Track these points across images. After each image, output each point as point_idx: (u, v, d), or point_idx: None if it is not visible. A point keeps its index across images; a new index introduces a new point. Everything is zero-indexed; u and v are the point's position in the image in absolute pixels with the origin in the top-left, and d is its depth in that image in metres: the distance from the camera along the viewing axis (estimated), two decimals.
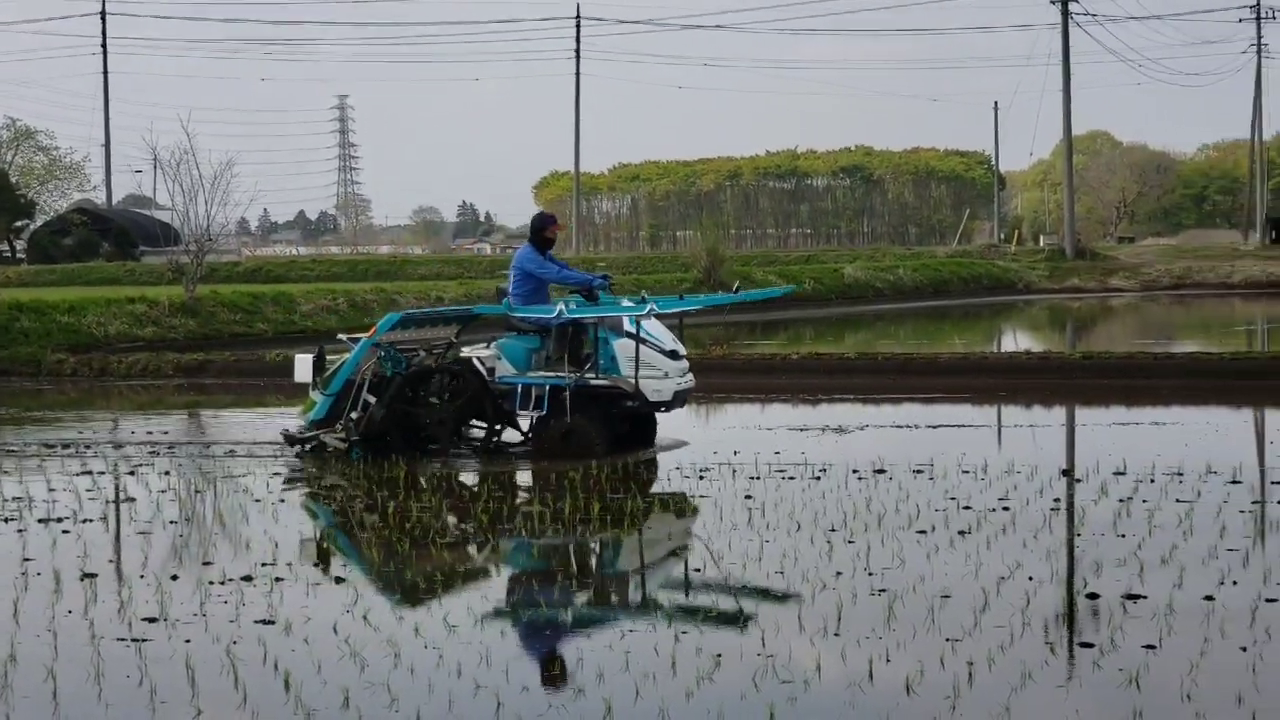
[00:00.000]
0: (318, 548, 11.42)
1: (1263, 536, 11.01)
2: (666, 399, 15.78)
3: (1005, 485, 13.43)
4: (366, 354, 16.06)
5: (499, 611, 9.06)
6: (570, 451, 15.45)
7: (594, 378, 15.67)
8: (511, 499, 13.39)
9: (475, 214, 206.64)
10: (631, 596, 9.40)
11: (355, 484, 14.28)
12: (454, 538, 11.40)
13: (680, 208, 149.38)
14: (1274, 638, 8.13)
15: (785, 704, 7.11)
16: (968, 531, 11.22)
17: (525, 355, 16.03)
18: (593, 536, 11.55)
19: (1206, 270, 66.96)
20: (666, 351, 15.79)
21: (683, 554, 10.94)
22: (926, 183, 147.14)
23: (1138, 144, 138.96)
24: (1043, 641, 8.18)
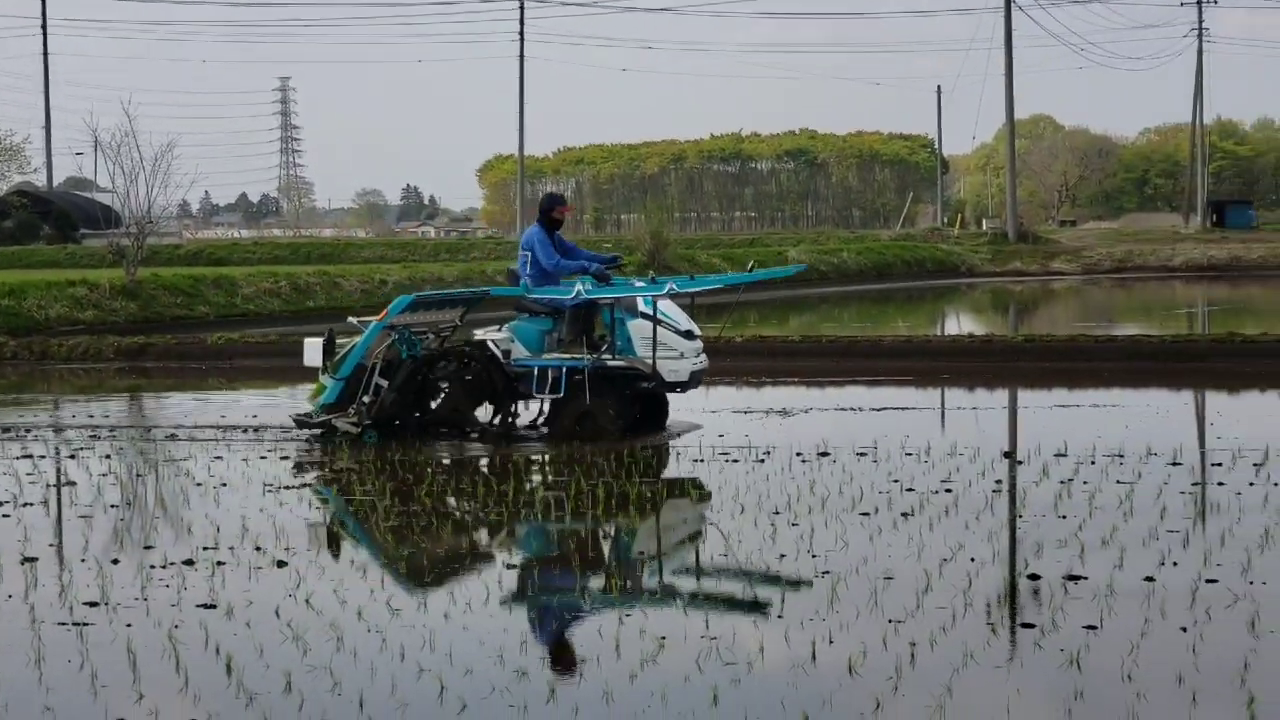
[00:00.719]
0: (329, 533, 11.33)
1: (1203, 518, 11.08)
2: (683, 379, 15.66)
3: (948, 467, 13.49)
4: (378, 337, 15.90)
5: (441, 595, 9.03)
6: (586, 434, 15.33)
7: (610, 359, 15.56)
8: (455, 482, 13.34)
9: (419, 197, 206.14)
10: (575, 580, 9.38)
11: (311, 468, 14.22)
12: (397, 520, 11.35)
13: (624, 191, 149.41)
14: (1214, 618, 8.19)
15: (729, 685, 7.12)
16: (910, 514, 11.26)
17: (538, 337, 15.90)
18: (538, 521, 11.53)
19: (1148, 254, 67.40)
20: (682, 331, 15.67)
21: (627, 537, 10.94)
22: (870, 166, 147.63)
23: (1080, 128, 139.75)
24: (984, 622, 8.22)
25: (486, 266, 47.48)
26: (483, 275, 44.34)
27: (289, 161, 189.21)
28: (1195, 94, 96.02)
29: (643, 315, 15.57)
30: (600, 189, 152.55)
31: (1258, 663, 7.32)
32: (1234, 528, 10.54)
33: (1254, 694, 6.81)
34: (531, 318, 16.09)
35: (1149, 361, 22.73)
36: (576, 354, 15.64)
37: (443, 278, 42.88)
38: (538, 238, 16.16)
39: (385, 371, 15.86)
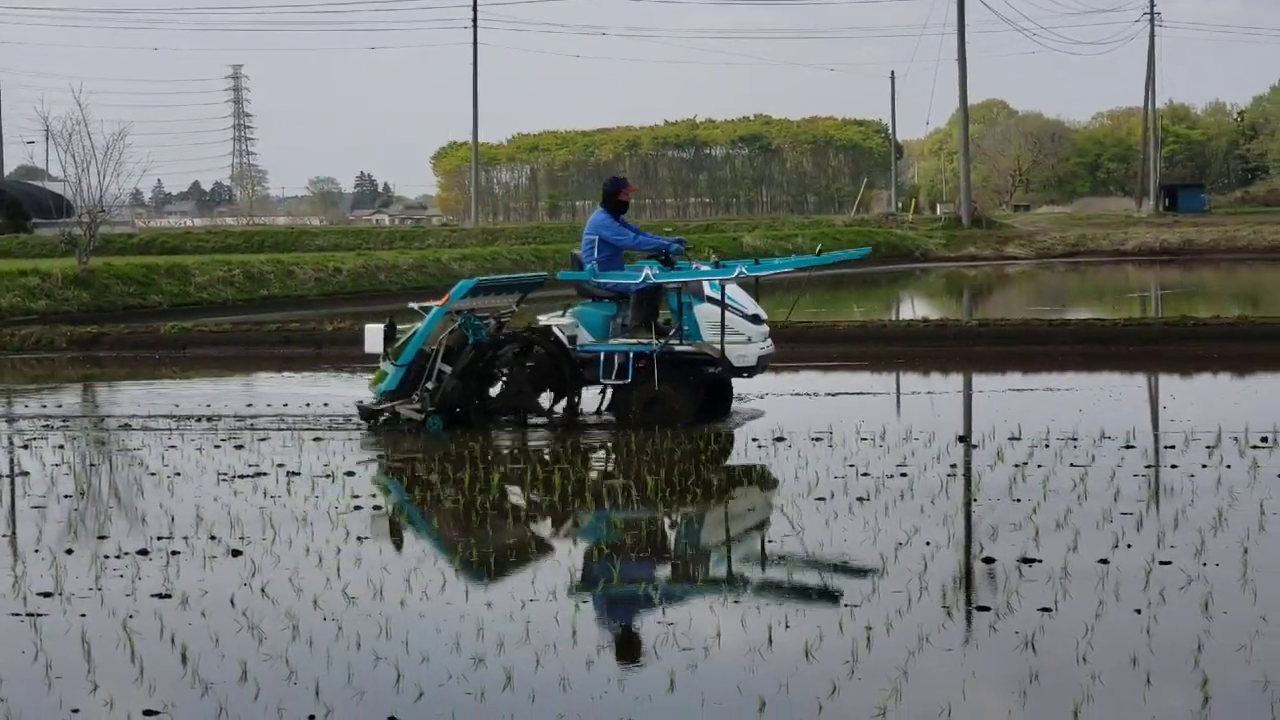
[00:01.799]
0: (391, 524, 11.30)
1: (1156, 500, 11.14)
2: (751, 364, 15.49)
3: (903, 452, 13.53)
4: (440, 323, 15.75)
5: (397, 583, 9.01)
6: (654, 420, 15.13)
7: (678, 344, 15.42)
8: (411, 471, 13.31)
9: (373, 184, 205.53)
10: (532, 566, 9.38)
11: (274, 457, 14.17)
12: (345, 508, 11.33)
13: (579, 178, 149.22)
14: (1167, 600, 8.24)
15: (685, 671, 7.13)
16: (866, 498, 11.29)
17: (603, 322, 15.75)
18: (497, 506, 11.52)
19: (1100, 238, 67.66)
20: (749, 316, 15.52)
21: (584, 524, 10.93)
22: (825, 152, 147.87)
23: (1033, 113, 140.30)
24: (940, 606, 8.25)
25: (442, 254, 47.39)
26: (438, 263, 44.28)
27: (242, 149, 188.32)
28: (1147, 78, 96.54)
29: (709, 299, 15.39)
30: (555, 176, 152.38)
31: (1211, 644, 7.37)
32: (1187, 510, 10.61)
33: (1207, 674, 6.85)
34: (595, 302, 15.94)
35: (1102, 345, 22.84)
36: (642, 339, 15.48)
37: (397, 266, 42.77)
38: (605, 221, 15.98)
39: (448, 357, 15.67)
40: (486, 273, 44.33)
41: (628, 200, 16.41)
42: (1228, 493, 11.16)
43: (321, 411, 17.21)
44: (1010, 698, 6.70)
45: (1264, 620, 7.78)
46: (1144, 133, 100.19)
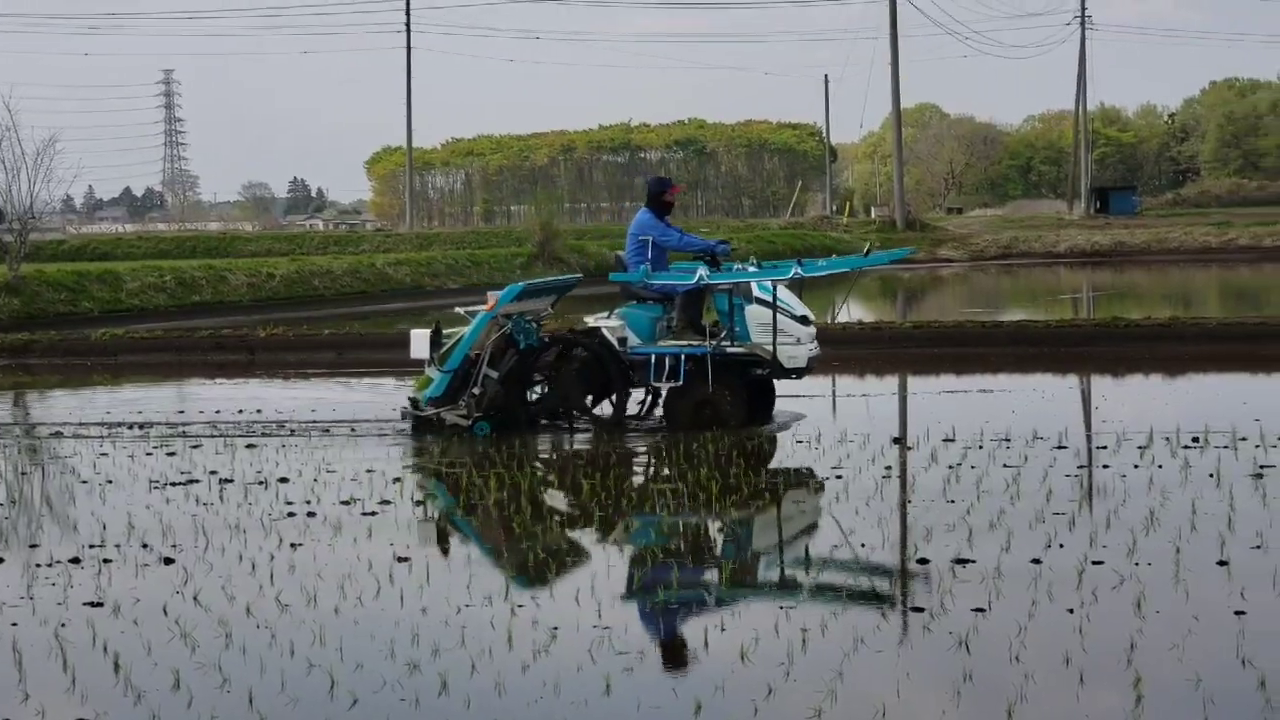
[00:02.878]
0: (439, 533, 11.21)
1: (1089, 500, 11.21)
2: (801, 365, 15.37)
3: (838, 454, 13.56)
4: (486, 328, 15.59)
5: (331, 590, 8.96)
6: (704, 422, 15.03)
7: (729, 346, 15.31)
8: (341, 482, 13.25)
9: (307, 190, 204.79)
10: (466, 571, 9.35)
11: (206, 464, 14.07)
12: (279, 514, 11.26)
13: (514, 182, 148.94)
14: (1100, 599, 8.29)
15: (621, 675, 7.12)
16: (802, 500, 11.31)
17: (650, 325, 15.61)
18: (435, 514, 11.48)
19: (1033, 240, 68.09)
20: (797, 317, 15.39)
21: (520, 527, 10.89)
22: (760, 155, 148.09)
23: (965, 116, 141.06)
24: (875, 607, 8.28)
25: (376, 259, 47.18)
26: (373, 268, 44.10)
27: (173, 155, 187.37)
28: (1078, 81, 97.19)
29: (758, 301, 15.29)
30: (490, 181, 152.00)
31: (1143, 642, 7.42)
32: (1119, 510, 10.68)
33: (1140, 673, 6.90)
34: (640, 304, 15.81)
35: (1035, 347, 22.97)
36: (691, 341, 15.38)
37: (331, 271, 42.59)
38: (651, 222, 15.88)
39: (493, 362, 15.54)
40: (423, 277, 44.30)
41: (672, 201, 16.30)
42: (1160, 493, 11.24)
43: (254, 418, 17.11)
44: (944, 698, 6.73)
45: (1196, 619, 7.84)
46: (1075, 135, 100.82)
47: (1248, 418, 14.79)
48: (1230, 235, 63.72)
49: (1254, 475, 11.84)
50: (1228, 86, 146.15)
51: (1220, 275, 49.15)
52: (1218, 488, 11.34)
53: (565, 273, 47.36)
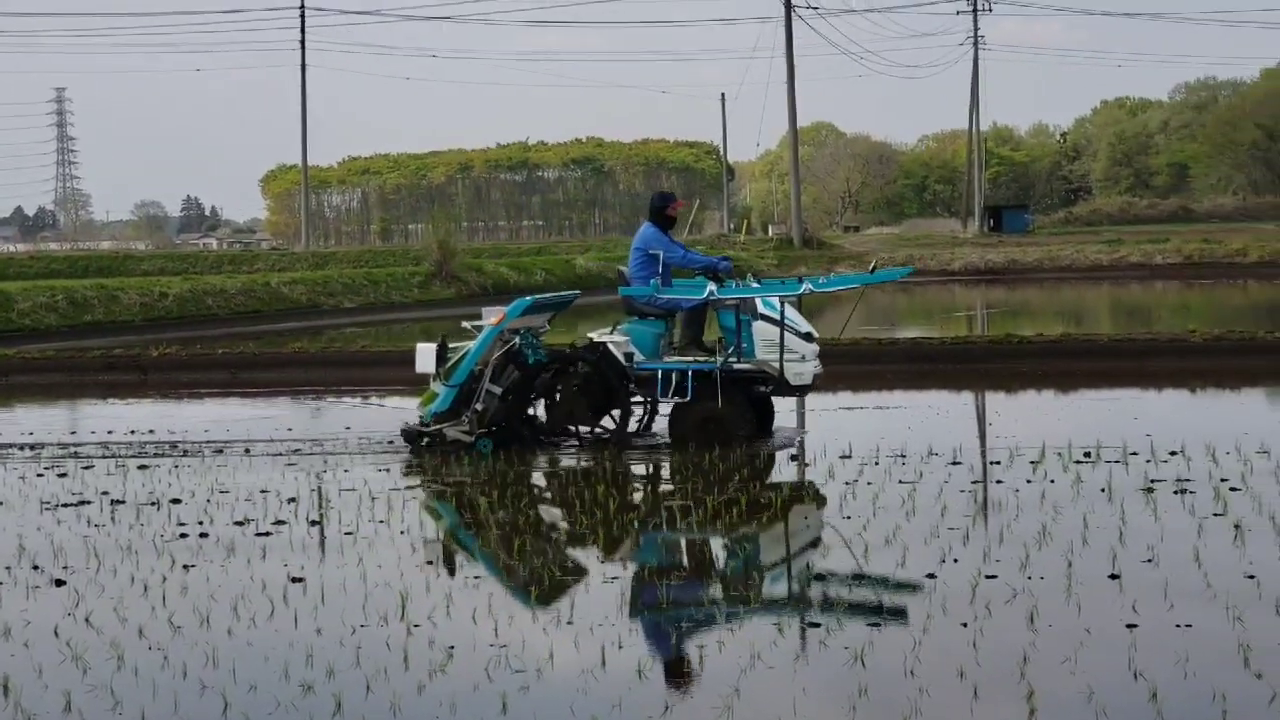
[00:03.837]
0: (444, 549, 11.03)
1: (983, 515, 11.31)
2: (807, 382, 15.33)
3: (739, 472, 13.59)
4: (493, 342, 15.44)
5: (225, 611, 8.87)
6: (709, 438, 14.90)
7: (736, 362, 15.20)
8: (235, 503, 13.12)
9: (200, 208, 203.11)
10: (362, 592, 9.28)
11: (98, 485, 13.89)
12: (171, 536, 11.14)
13: (412, 201, 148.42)
14: (993, 613, 8.36)
15: (517, 694, 7.10)
16: (702, 519, 11.32)
17: (653, 340, 15.51)
18: (321, 535, 11.39)
19: (928, 258, 68.57)
20: (802, 334, 15.31)
21: (414, 546, 10.81)
22: (657, 173, 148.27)
23: (861, 135, 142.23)
24: (771, 623, 8.30)
25: (271, 278, 46.82)
26: (267, 287, 43.76)
27: (65, 173, 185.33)
28: (971, 101, 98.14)
29: (764, 317, 15.20)
30: (387, 199, 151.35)
31: (1036, 656, 7.48)
32: (1012, 524, 10.77)
33: (1033, 686, 6.96)
34: (642, 320, 15.70)
35: (930, 363, 23.13)
36: (697, 357, 15.33)
37: (225, 290, 42.22)
38: (655, 236, 15.76)
39: (494, 378, 15.37)
40: (319, 296, 44.02)
41: (674, 215, 16.20)
42: (1052, 507, 11.35)
43: (147, 438, 16.93)
44: (840, 712, 6.75)
45: (1088, 632, 7.91)
46: (969, 154, 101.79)
47: (1139, 433, 14.97)
48: (1121, 253, 64.50)
49: (1145, 489, 11.97)
50: (1118, 106, 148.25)
51: (1111, 292, 49.76)
52: (1109, 502, 11.46)
53: (462, 292, 47.43)
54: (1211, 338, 22.84)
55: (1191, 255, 62.64)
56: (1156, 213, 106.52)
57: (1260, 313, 35.48)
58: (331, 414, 19.88)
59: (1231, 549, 9.74)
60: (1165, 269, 60.57)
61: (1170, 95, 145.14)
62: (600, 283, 55.00)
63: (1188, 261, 61.43)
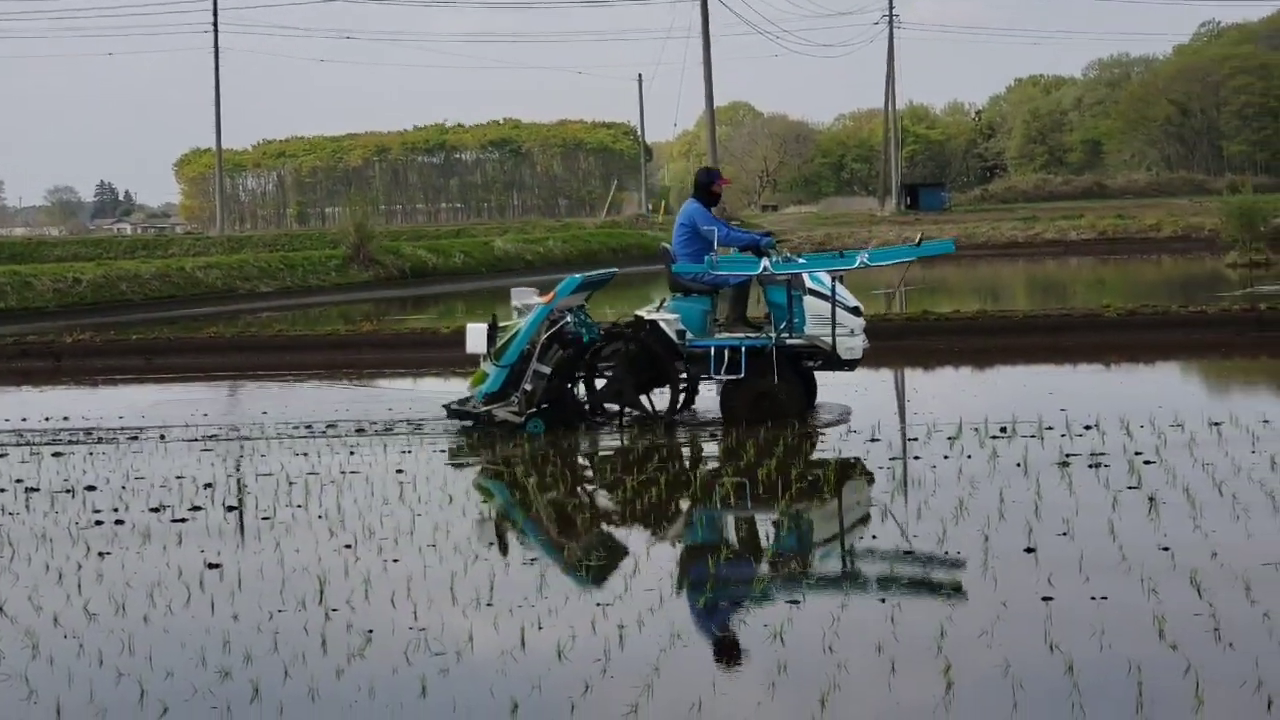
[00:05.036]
0: (497, 530, 10.93)
1: (903, 491, 11.36)
2: (857, 356, 15.26)
3: (663, 448, 13.61)
4: (542, 322, 15.22)
5: (141, 598, 8.80)
6: (762, 415, 14.86)
7: (788, 337, 15.10)
8: (150, 489, 13.01)
9: (114, 193, 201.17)
10: (278, 578, 9.23)
11: (11, 473, 13.74)
12: (86, 523, 11.04)
13: (328, 184, 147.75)
14: (910, 586, 8.40)
15: (437, 676, 7.08)
16: (624, 496, 11.33)
17: (701, 317, 15.37)
18: (236, 520, 11.31)
19: (846, 236, 68.81)
20: (850, 308, 15.23)
21: (332, 530, 10.75)
22: (575, 155, 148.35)
23: (778, 114, 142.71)
24: (691, 602, 8.31)
25: (186, 263, 46.42)
26: (182, 272, 43.38)
27: None
28: (887, 80, 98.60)
29: (811, 292, 15.10)
30: (303, 182, 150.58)
31: (953, 629, 7.52)
32: (930, 500, 10.83)
33: (950, 660, 7.00)
34: (687, 297, 15.56)
35: None
36: (747, 334, 15.25)
37: (140, 275, 41.82)
38: (699, 213, 15.62)
39: (541, 357, 15.19)
40: (235, 280, 43.69)
41: (719, 192, 16.05)
42: (969, 482, 11.42)
43: (62, 425, 16.77)
44: (760, 689, 6.77)
45: (1004, 606, 7.97)
46: (885, 133, 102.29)
47: (1053, 407, 15.09)
48: (1036, 230, 64.96)
49: (1060, 464, 12.07)
50: (1032, 84, 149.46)
51: (1027, 269, 50.13)
52: (1025, 476, 11.55)
53: (380, 275, 47.22)
54: (1125, 313, 23.03)
55: (1106, 231, 63.14)
56: (1071, 189, 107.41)
57: (1174, 287, 35.82)
58: (248, 399, 19.75)
59: (1146, 522, 9.83)
60: (1080, 245, 61.04)
61: (1084, 72, 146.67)
62: (518, 264, 54.96)
63: (1102, 237, 61.89)
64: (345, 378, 21.54)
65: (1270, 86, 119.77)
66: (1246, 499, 10.35)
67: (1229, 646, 7.12)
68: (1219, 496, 10.48)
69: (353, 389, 20.15)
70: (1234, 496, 10.44)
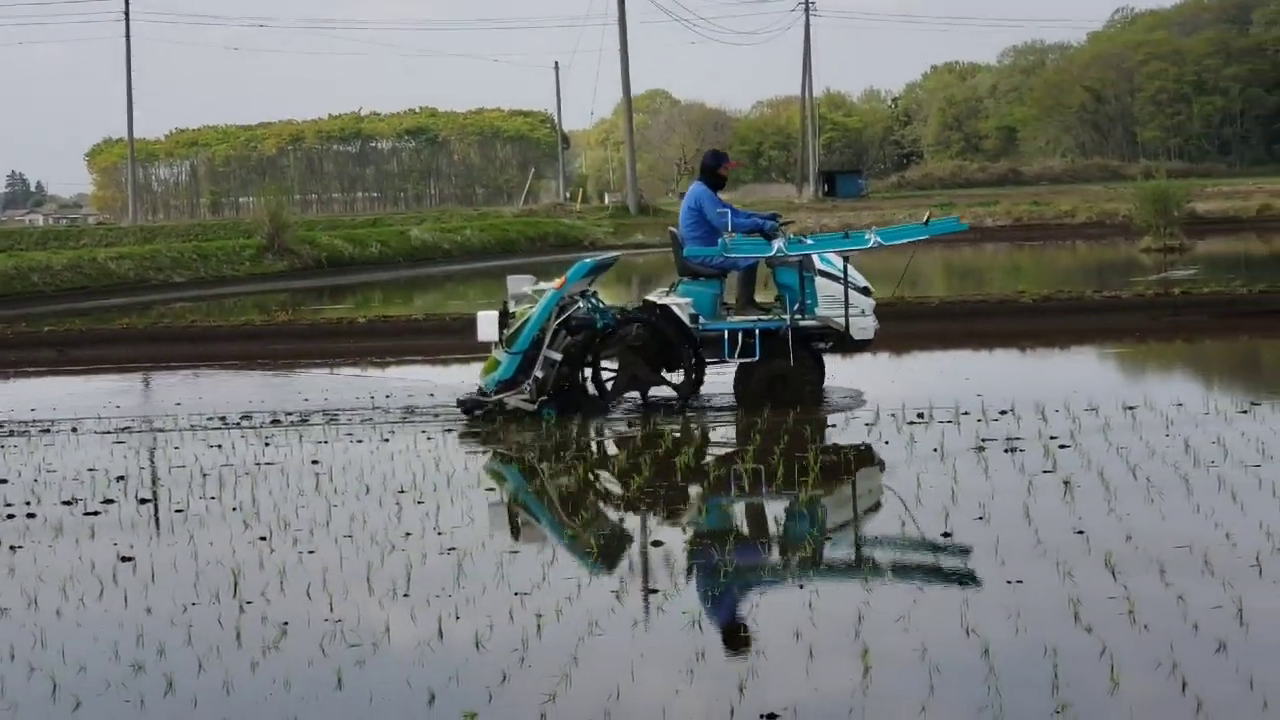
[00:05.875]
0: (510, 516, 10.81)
1: (821, 479, 11.36)
2: (869, 336, 15.15)
3: (566, 436, 13.59)
4: (553, 308, 15.00)
5: (54, 592, 8.69)
6: (777, 397, 14.74)
7: (801, 319, 14.96)
8: (63, 482, 12.85)
9: (25, 184, 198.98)
10: (192, 570, 9.14)
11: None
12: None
13: (242, 173, 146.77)
14: (829, 572, 8.42)
15: (353, 668, 7.03)
16: (542, 487, 11.30)
17: (711, 300, 15.23)
18: (151, 512, 11.20)
19: None
20: (860, 289, 15.11)
21: (246, 522, 10.65)
22: (492, 143, 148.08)
23: (695, 102, 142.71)
24: (609, 590, 8.29)
25: (98, 253, 45.91)
26: (94, 263, 42.88)
27: None
28: (804, 67, 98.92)
29: (822, 273, 15.00)
30: (216, 172, 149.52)
31: (870, 615, 7.54)
32: (847, 487, 10.86)
33: (867, 645, 7.02)
34: (695, 280, 15.40)
35: None
36: (760, 316, 15.14)
37: (51, 266, 41.31)
38: (707, 197, 15.43)
39: (552, 343, 14.99)
40: (147, 271, 43.28)
41: (726, 175, 15.89)
42: (886, 468, 11.45)
43: None
44: (678, 677, 6.76)
45: (921, 591, 8.00)
46: (802, 121, 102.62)
47: (970, 393, 15.18)
48: (952, 216, 65.35)
49: (976, 449, 12.13)
50: (948, 71, 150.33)
51: (943, 255, 50.35)
52: (941, 461, 11.60)
53: (296, 265, 46.91)
54: (1041, 298, 23.21)
55: (1021, 217, 63.52)
56: (987, 176, 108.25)
57: (1089, 273, 36.12)
58: (162, 390, 19.57)
59: (1061, 505, 9.89)
60: (995, 231, 61.36)
61: (999, 59, 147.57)
62: (436, 253, 54.73)
63: (1017, 223, 62.25)
64: (262, 368, 21.38)
65: (1183, 72, 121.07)
66: (1160, 482, 10.43)
67: (1144, 629, 7.18)
68: (1133, 480, 10.56)
69: (268, 379, 19.99)
70: (1148, 480, 10.52)
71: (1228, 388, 16.61)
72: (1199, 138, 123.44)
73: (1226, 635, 6.97)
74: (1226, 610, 7.35)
